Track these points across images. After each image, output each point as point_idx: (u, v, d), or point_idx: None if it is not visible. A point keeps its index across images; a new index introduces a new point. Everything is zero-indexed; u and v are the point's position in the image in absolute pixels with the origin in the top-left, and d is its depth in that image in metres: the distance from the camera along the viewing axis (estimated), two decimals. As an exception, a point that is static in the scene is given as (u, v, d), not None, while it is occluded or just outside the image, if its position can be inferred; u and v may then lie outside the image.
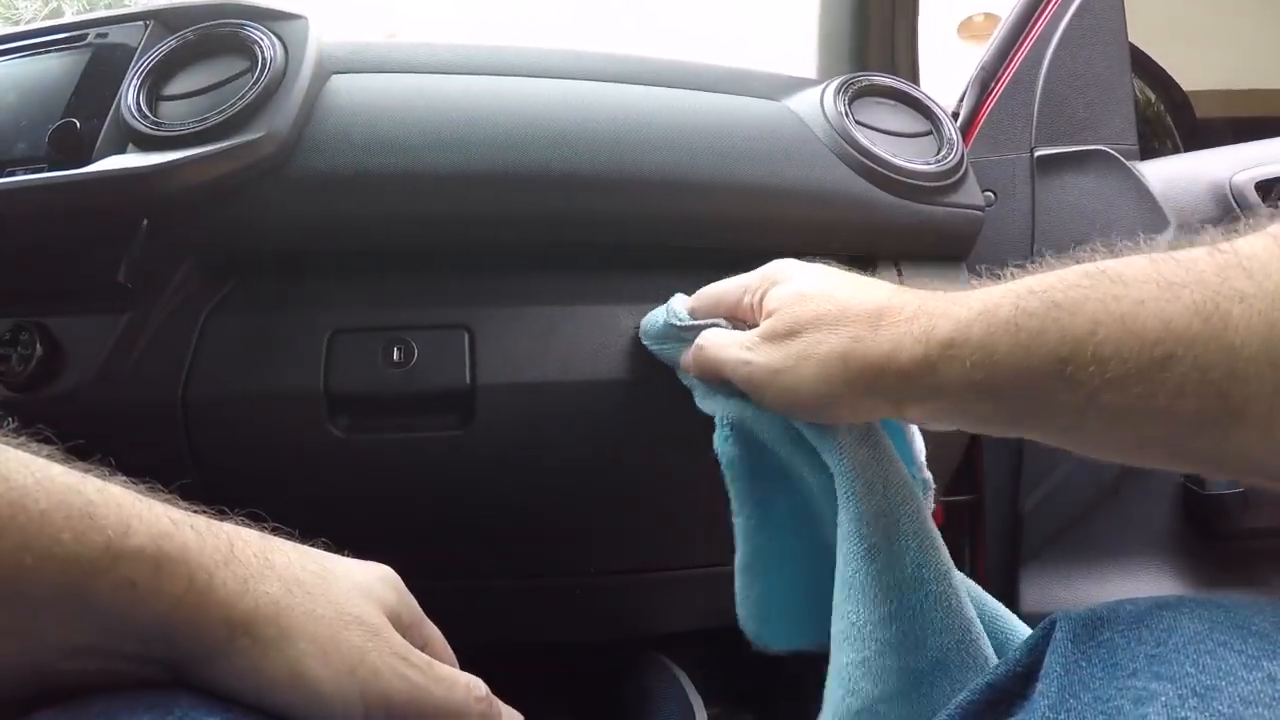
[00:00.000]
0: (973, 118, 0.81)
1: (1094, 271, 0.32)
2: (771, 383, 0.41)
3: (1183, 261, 0.30)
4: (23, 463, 0.28)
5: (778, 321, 0.41)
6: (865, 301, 0.39)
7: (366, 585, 0.36)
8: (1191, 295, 0.29)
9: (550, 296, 0.59)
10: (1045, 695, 0.30)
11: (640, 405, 0.58)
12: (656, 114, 0.63)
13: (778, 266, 0.46)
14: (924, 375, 0.36)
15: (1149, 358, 0.29)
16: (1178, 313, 0.29)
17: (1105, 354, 0.30)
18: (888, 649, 0.39)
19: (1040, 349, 0.32)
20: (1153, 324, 0.29)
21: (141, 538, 0.29)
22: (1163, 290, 0.30)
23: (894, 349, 0.36)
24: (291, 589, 0.33)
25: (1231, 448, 0.29)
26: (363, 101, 0.59)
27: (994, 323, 0.34)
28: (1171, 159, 0.86)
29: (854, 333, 0.38)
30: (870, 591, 0.39)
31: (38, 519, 0.27)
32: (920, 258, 0.66)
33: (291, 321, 0.56)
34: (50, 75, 0.59)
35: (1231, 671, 0.26)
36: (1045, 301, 0.32)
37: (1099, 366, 0.30)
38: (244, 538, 0.33)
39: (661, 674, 0.69)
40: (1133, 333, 0.30)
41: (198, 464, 0.55)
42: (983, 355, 0.34)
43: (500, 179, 0.57)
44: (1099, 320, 0.31)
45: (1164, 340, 0.29)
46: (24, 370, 0.52)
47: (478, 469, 0.58)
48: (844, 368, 0.38)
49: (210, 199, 0.54)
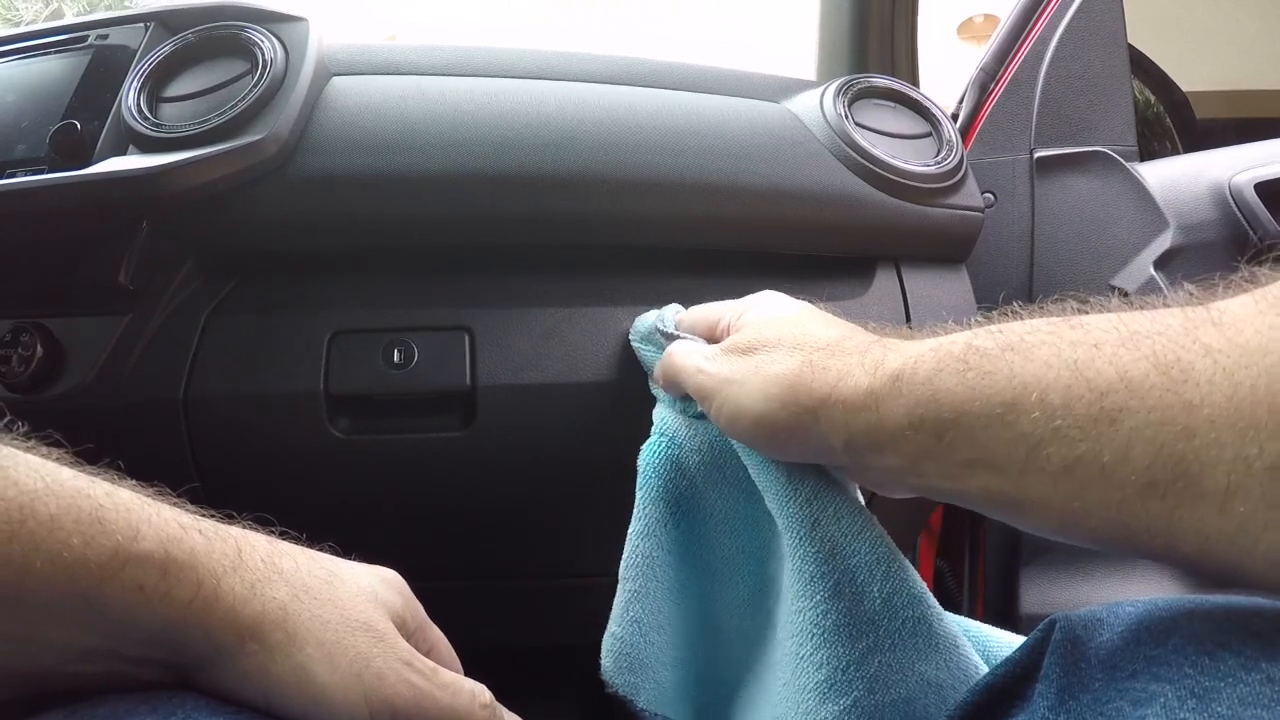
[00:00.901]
0: (972, 119, 0.81)
1: (1057, 320, 0.31)
2: (718, 392, 0.40)
3: (1150, 314, 0.28)
4: (32, 467, 0.28)
5: (740, 337, 0.41)
6: (828, 333, 0.39)
7: (373, 591, 0.36)
8: (1153, 345, 0.27)
9: (550, 298, 0.59)
10: (1044, 696, 0.30)
11: (641, 407, 0.58)
12: (656, 116, 0.63)
13: (763, 295, 0.46)
14: (865, 409, 0.34)
15: (1099, 408, 0.27)
16: (1134, 361, 0.27)
17: (1052, 401, 0.28)
18: (876, 685, 0.37)
19: (985, 390, 0.30)
20: (1107, 371, 0.27)
21: (150, 542, 0.29)
22: (1123, 338, 0.28)
23: (841, 378, 0.35)
24: (298, 594, 0.33)
25: (1183, 522, 0.26)
26: (363, 103, 0.59)
27: (943, 358, 0.32)
28: (1171, 160, 0.86)
29: (807, 357, 0.37)
30: (844, 630, 0.38)
31: (47, 523, 0.27)
32: (920, 259, 0.66)
33: (292, 322, 0.56)
34: (51, 77, 0.59)
35: (1230, 673, 0.26)
36: (1000, 343, 0.31)
37: (1044, 413, 0.28)
38: (252, 542, 0.34)
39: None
40: (1084, 379, 0.28)
41: (198, 465, 0.55)
42: (926, 391, 0.32)
43: (500, 180, 0.57)
44: (1050, 364, 0.29)
45: (1117, 390, 0.27)
46: (25, 371, 0.52)
47: (478, 470, 0.58)
48: (790, 389, 0.37)
49: (211, 200, 0.54)
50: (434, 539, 0.61)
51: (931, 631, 0.38)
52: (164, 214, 0.54)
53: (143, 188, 0.53)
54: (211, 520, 0.33)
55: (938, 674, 0.38)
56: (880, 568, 0.38)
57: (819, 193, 0.63)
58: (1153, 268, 0.75)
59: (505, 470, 0.58)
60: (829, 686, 0.37)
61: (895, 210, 0.64)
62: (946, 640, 0.38)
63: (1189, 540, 0.27)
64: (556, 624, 0.69)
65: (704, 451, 0.44)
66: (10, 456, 0.28)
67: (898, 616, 0.38)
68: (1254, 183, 0.75)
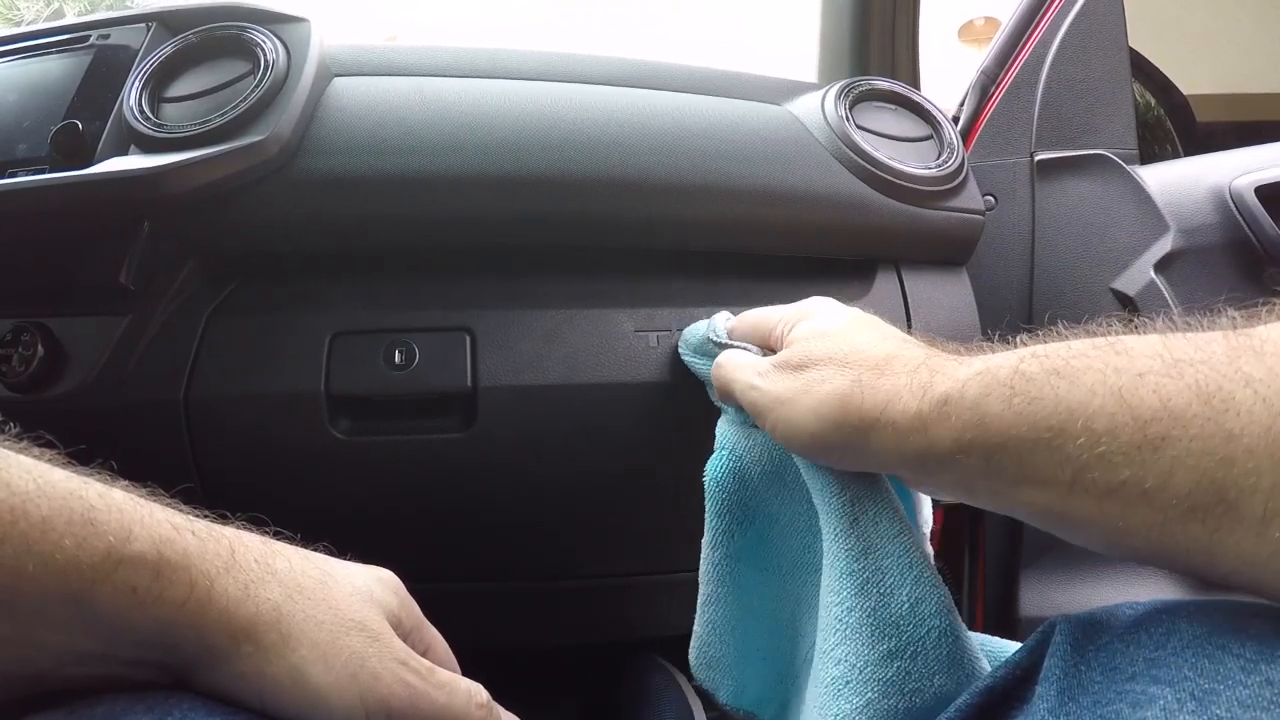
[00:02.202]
0: (973, 122, 0.81)
1: (1102, 343, 0.31)
2: (772, 411, 0.41)
3: (1194, 340, 0.29)
4: (24, 468, 0.28)
5: (792, 353, 0.42)
6: (877, 348, 0.39)
7: (367, 590, 0.36)
8: (1195, 374, 0.28)
9: (551, 299, 0.59)
10: (1044, 699, 0.30)
11: (641, 408, 0.58)
12: (657, 118, 0.63)
13: (813, 303, 0.46)
14: (915, 431, 0.35)
15: (1142, 436, 0.28)
16: (1177, 391, 0.28)
17: (1097, 428, 0.29)
18: (891, 690, 0.37)
19: (1031, 415, 0.31)
20: (1150, 400, 0.28)
21: (143, 543, 0.29)
22: (1167, 366, 0.28)
23: (890, 400, 0.36)
24: (292, 595, 0.33)
25: (1222, 545, 0.27)
26: (364, 104, 0.59)
27: (990, 383, 0.33)
28: (1171, 163, 0.86)
29: (857, 376, 0.38)
30: (866, 630, 0.38)
31: (39, 525, 0.27)
32: (921, 262, 0.66)
33: (293, 323, 0.56)
34: (52, 77, 0.59)
35: (1229, 675, 0.26)
36: (1045, 368, 0.31)
37: (1089, 439, 0.29)
38: (245, 543, 0.33)
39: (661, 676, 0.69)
40: (1128, 407, 0.28)
41: (199, 465, 0.55)
42: (974, 415, 0.33)
43: (501, 182, 0.58)
44: (1095, 391, 0.29)
45: (1160, 419, 0.28)
46: (25, 371, 0.52)
47: (478, 471, 0.58)
48: (840, 409, 0.37)
49: (212, 201, 0.54)
50: (434, 540, 0.61)
51: (955, 645, 0.38)
52: (165, 214, 0.54)
53: (144, 188, 0.53)
54: (205, 520, 0.33)
55: (956, 690, 0.37)
56: (911, 573, 0.38)
57: (820, 195, 0.63)
58: (1153, 271, 0.75)
59: (505, 472, 0.58)
60: (844, 684, 0.38)
61: (896, 212, 0.64)
62: (968, 657, 0.38)
63: (1227, 562, 0.28)
64: (556, 625, 0.69)
65: (763, 460, 0.46)
66: (2, 458, 0.28)
67: (923, 624, 0.38)
68: (1255, 186, 0.75)
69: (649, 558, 0.64)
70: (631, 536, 0.63)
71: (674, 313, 0.59)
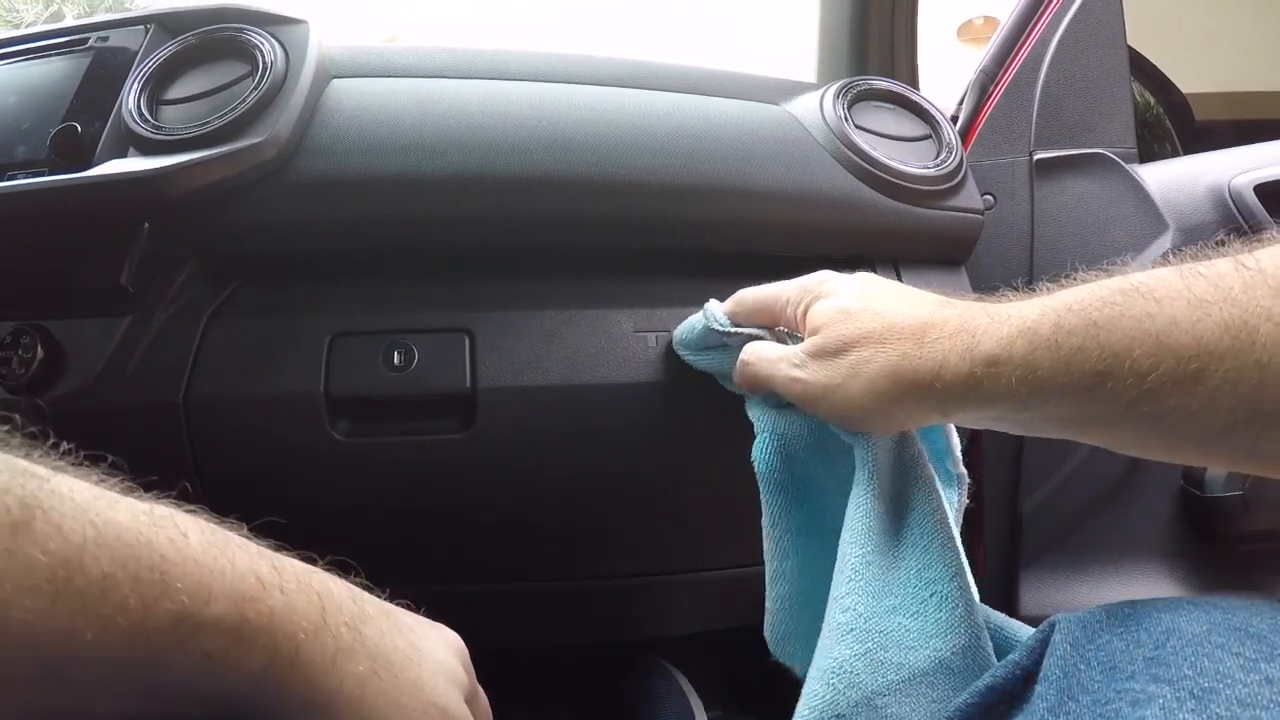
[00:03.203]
0: (972, 121, 0.81)
1: (1127, 288, 0.34)
2: (824, 399, 0.42)
3: (1211, 278, 0.32)
4: (80, 508, 0.24)
5: (825, 339, 0.42)
6: (909, 317, 0.40)
7: (450, 668, 0.35)
8: (1221, 313, 0.31)
9: (550, 300, 0.59)
10: (1044, 698, 0.30)
11: (640, 408, 0.58)
12: (656, 118, 0.63)
13: (819, 278, 0.47)
14: (970, 390, 0.37)
15: (1183, 372, 0.32)
16: (1208, 330, 0.31)
17: (1143, 368, 0.32)
18: (890, 643, 0.39)
19: (1081, 365, 0.34)
20: (1186, 340, 0.32)
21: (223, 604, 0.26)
22: (1193, 308, 0.32)
23: (940, 366, 0.38)
24: (379, 671, 0.31)
25: (1262, 445, 0.32)
26: (363, 106, 0.59)
27: (1035, 340, 0.35)
28: (1170, 162, 0.86)
29: (901, 350, 0.39)
30: (875, 584, 0.40)
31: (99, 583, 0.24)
32: (920, 261, 0.66)
33: (292, 325, 0.56)
34: (51, 79, 0.59)
35: (1229, 674, 0.26)
36: (1083, 319, 0.34)
37: (1137, 379, 0.33)
38: (336, 600, 0.31)
39: (662, 677, 0.69)
40: (1167, 348, 0.32)
41: (199, 467, 0.55)
42: (1025, 371, 0.35)
43: (500, 183, 0.58)
44: (1135, 337, 0.33)
45: (1197, 356, 0.31)
46: (25, 373, 0.52)
47: (478, 472, 0.58)
48: (893, 384, 0.39)
49: (211, 203, 0.54)
50: (434, 541, 0.61)
51: (955, 612, 0.40)
52: (164, 216, 0.54)
53: (143, 190, 0.53)
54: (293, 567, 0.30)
55: (952, 657, 0.39)
56: (925, 538, 0.41)
57: (818, 195, 0.63)
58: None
59: (505, 472, 0.58)
60: (847, 630, 0.39)
61: (895, 212, 0.64)
62: (970, 628, 0.40)
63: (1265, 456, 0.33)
64: (556, 626, 0.69)
65: (804, 435, 0.47)
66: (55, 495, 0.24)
67: (928, 587, 0.40)
68: (1254, 184, 0.75)
69: (649, 558, 0.64)
70: (631, 537, 0.63)
71: (673, 313, 0.59)
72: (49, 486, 0.24)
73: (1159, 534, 0.78)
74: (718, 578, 0.65)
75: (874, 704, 0.38)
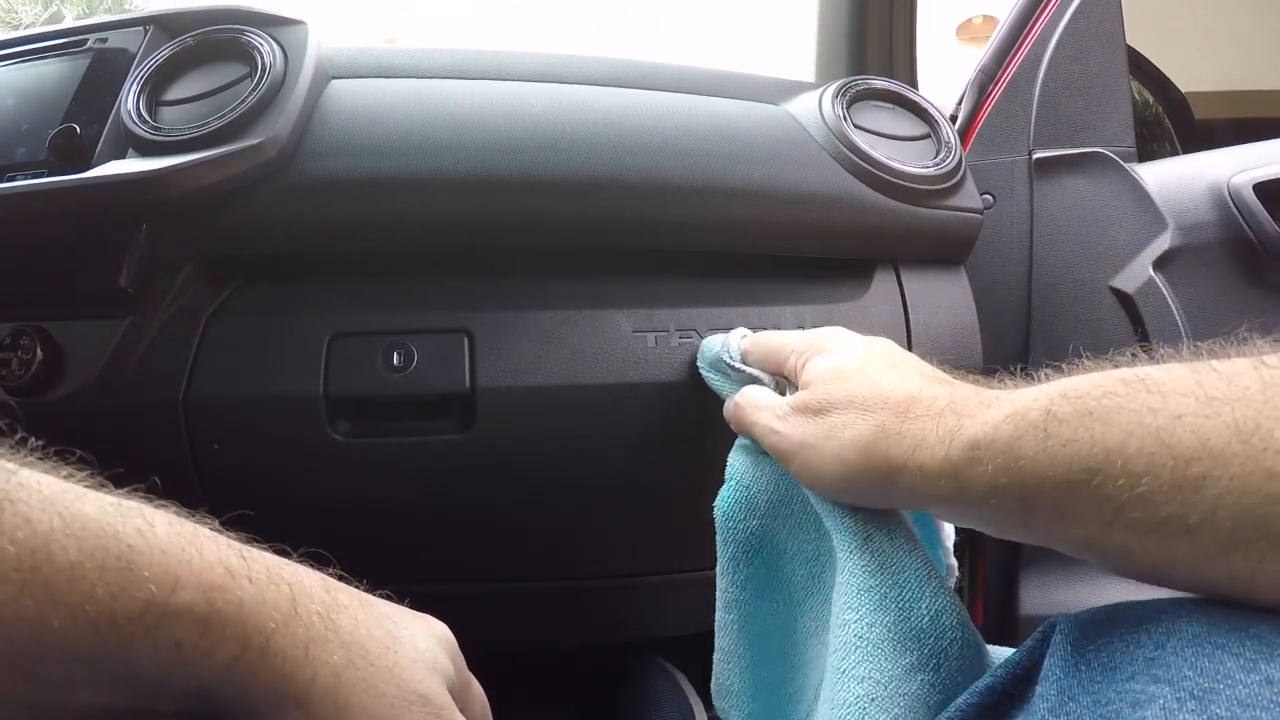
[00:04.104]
0: (971, 120, 0.81)
1: (1131, 379, 0.31)
2: (794, 455, 0.41)
3: (1225, 374, 0.29)
4: (47, 499, 0.25)
5: (810, 396, 0.41)
6: (897, 389, 0.38)
7: (432, 657, 0.34)
8: (1233, 413, 0.28)
9: (549, 300, 0.59)
10: (1044, 698, 0.30)
11: (640, 408, 0.58)
12: (654, 118, 0.63)
13: (825, 334, 0.46)
14: (944, 476, 0.35)
15: (1183, 475, 0.28)
16: (1216, 430, 0.28)
17: (1137, 469, 0.29)
18: (917, 704, 0.36)
19: (1068, 458, 0.31)
20: (1189, 440, 0.28)
21: (190, 592, 0.26)
22: (1202, 405, 0.28)
23: (916, 446, 0.36)
24: (354, 660, 0.30)
25: (1265, 573, 0.28)
26: (362, 106, 0.59)
27: (1022, 426, 0.32)
28: (1169, 161, 0.86)
29: (880, 421, 0.37)
30: (888, 644, 0.37)
31: (65, 572, 0.24)
32: (919, 261, 0.66)
33: (291, 325, 0.56)
34: (50, 80, 0.59)
35: (1229, 674, 0.26)
36: (1078, 408, 0.31)
37: (1129, 480, 0.29)
38: (308, 590, 0.31)
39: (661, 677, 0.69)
40: (1167, 448, 0.28)
41: (198, 467, 0.55)
42: (1007, 459, 0.32)
43: (499, 183, 0.58)
44: (1132, 432, 0.29)
45: (1200, 459, 0.28)
46: (24, 374, 0.52)
47: (477, 473, 0.58)
48: (865, 456, 0.37)
49: (210, 204, 0.54)
50: (433, 541, 0.61)
51: (977, 657, 0.38)
52: (163, 217, 0.54)
53: (142, 191, 0.53)
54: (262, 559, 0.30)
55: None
56: (929, 586, 0.38)
57: (817, 195, 0.63)
58: (1152, 268, 0.75)
59: (504, 473, 0.58)
60: (870, 701, 0.36)
61: (894, 212, 0.64)
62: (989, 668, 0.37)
63: (1267, 586, 0.28)
64: (556, 626, 0.69)
65: (769, 490, 0.46)
66: (22, 487, 0.24)
67: (945, 636, 0.37)
68: (1253, 183, 0.75)
69: (649, 558, 0.64)
70: (631, 537, 0.63)
71: (672, 313, 0.59)
72: (16, 479, 0.25)
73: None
74: (718, 578, 0.65)
75: None
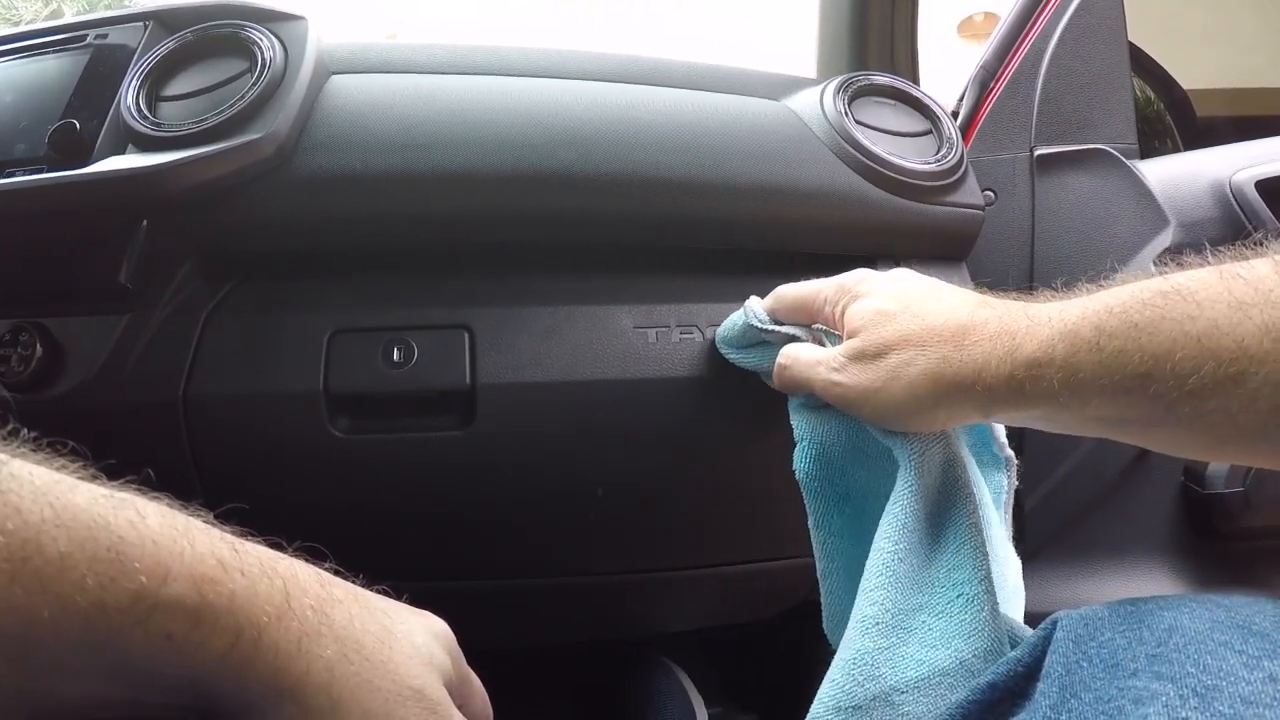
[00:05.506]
0: (972, 117, 0.81)
1: (1168, 290, 0.34)
2: (865, 402, 0.43)
3: (1251, 280, 0.33)
4: (39, 490, 0.25)
5: (865, 342, 0.43)
6: (948, 320, 0.41)
7: (428, 651, 0.34)
8: (1262, 315, 0.32)
9: (550, 296, 0.58)
10: (1046, 695, 0.30)
11: (640, 405, 0.58)
12: (655, 114, 0.62)
13: (857, 277, 0.47)
14: (1011, 392, 0.38)
15: (1224, 374, 0.32)
16: (1249, 332, 0.32)
17: (1184, 371, 0.33)
18: (913, 640, 0.39)
19: (1122, 367, 0.35)
20: (1227, 344, 0.32)
21: (182, 584, 0.26)
22: (1234, 311, 0.32)
23: (980, 368, 0.39)
24: (348, 654, 0.30)
25: None
26: (362, 102, 0.59)
27: (1077, 343, 0.36)
28: (1171, 158, 0.86)
29: (941, 353, 0.40)
30: (904, 580, 0.40)
31: (56, 562, 0.24)
32: (920, 257, 0.66)
33: (291, 322, 0.56)
34: (50, 76, 0.59)
35: (1232, 671, 0.26)
36: (1125, 322, 0.35)
37: (1178, 381, 0.33)
38: (301, 584, 0.31)
39: (663, 674, 0.69)
40: (1208, 351, 0.33)
41: (198, 464, 0.54)
42: (1067, 374, 0.36)
43: (499, 179, 0.57)
44: (1176, 340, 0.33)
45: (1238, 359, 0.32)
46: (24, 371, 0.52)
47: (478, 470, 0.57)
48: (934, 387, 0.40)
49: (210, 200, 0.54)
50: (434, 538, 0.61)
51: (978, 615, 0.40)
52: (163, 213, 0.54)
53: (141, 187, 0.53)
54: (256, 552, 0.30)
55: (973, 660, 0.39)
56: (958, 540, 0.41)
57: (819, 191, 0.63)
58: (1153, 265, 0.75)
59: (505, 469, 0.58)
60: (874, 624, 0.39)
61: (895, 208, 0.64)
62: (994, 633, 0.40)
63: None
64: (557, 623, 0.69)
65: (842, 440, 0.48)
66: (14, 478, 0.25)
67: (956, 589, 0.40)
68: (1255, 180, 0.75)
69: (649, 555, 0.64)
70: (631, 533, 0.63)
71: (673, 309, 0.59)
72: (8, 470, 0.25)
73: (1161, 531, 0.78)
74: (718, 574, 0.65)
75: (891, 699, 0.38)
